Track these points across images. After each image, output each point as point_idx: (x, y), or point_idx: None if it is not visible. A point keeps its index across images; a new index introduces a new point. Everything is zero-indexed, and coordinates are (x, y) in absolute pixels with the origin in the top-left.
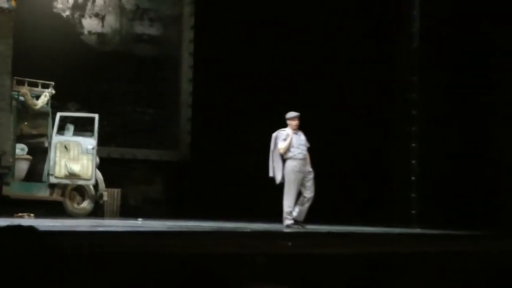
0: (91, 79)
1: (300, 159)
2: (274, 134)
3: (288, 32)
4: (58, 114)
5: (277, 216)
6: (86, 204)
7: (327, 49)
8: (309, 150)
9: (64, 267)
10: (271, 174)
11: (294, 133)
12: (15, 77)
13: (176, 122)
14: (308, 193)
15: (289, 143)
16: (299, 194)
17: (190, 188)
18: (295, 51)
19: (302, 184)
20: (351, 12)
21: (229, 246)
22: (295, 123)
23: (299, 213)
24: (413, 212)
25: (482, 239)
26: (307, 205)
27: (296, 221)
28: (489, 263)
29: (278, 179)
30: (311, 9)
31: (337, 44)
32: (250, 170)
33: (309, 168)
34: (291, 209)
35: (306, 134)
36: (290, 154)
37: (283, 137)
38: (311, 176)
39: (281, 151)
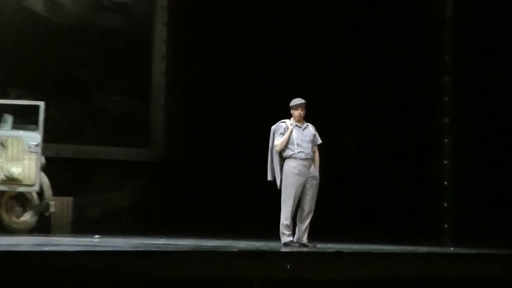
0: (37, 58)
1: (301, 159)
2: (273, 127)
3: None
4: None
5: (273, 231)
6: (28, 217)
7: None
8: (319, 148)
9: None
10: (269, 178)
11: (297, 125)
12: None
13: (147, 111)
14: (307, 205)
15: (287, 138)
16: (298, 204)
17: (163, 196)
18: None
19: (302, 191)
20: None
21: (212, 269)
22: (298, 113)
23: (299, 232)
24: (445, 226)
25: None
26: (306, 222)
27: (299, 243)
28: None
29: (279, 183)
30: None
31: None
32: (240, 172)
33: (314, 172)
34: (288, 222)
35: (317, 129)
36: (289, 152)
37: (281, 130)
38: (315, 182)
39: (277, 148)
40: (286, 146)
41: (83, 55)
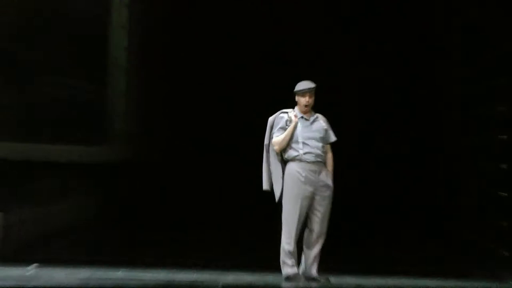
0: None
1: (308, 162)
2: (270, 119)
3: None
4: None
5: (270, 259)
6: None
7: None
8: (332, 147)
9: None
10: (265, 187)
11: (303, 118)
12: None
13: (103, 101)
14: (316, 225)
15: (289, 134)
16: (305, 224)
17: (125, 210)
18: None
19: (310, 205)
20: None
21: None
22: (305, 100)
23: (306, 262)
24: (505, 254)
25: None
26: (316, 248)
27: (306, 276)
28: None
29: (278, 194)
30: None
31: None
32: (226, 176)
33: (326, 179)
34: (291, 248)
35: (331, 122)
36: (292, 154)
37: (282, 123)
38: (327, 194)
39: (276, 147)
40: (288, 145)
41: (23, 33)
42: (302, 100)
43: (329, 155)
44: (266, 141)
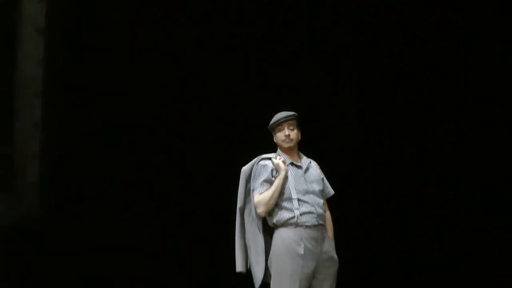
0: None
1: (308, 226)
2: (245, 169)
3: None
4: None
5: None
6: None
7: None
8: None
9: None
10: (239, 268)
11: (293, 164)
12: None
13: (10, 134)
14: None
15: (279, 188)
16: None
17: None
18: None
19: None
20: None
21: None
22: (283, 134)
23: None
24: None
25: None
26: None
27: None
28: None
29: (260, 277)
30: None
31: None
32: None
33: (331, 251)
34: None
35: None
36: (283, 216)
37: (266, 175)
38: (332, 271)
39: (261, 209)
40: (277, 205)
41: None
42: (280, 135)
43: (328, 215)
44: (239, 203)
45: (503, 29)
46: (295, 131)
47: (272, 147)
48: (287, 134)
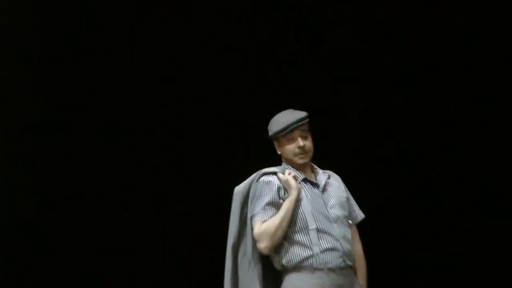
0: None
1: (332, 269)
2: (239, 189)
3: None
4: None
5: None
6: None
7: None
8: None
9: None
10: None
11: (307, 180)
12: None
13: None
14: None
15: (286, 216)
16: None
17: None
18: None
19: None
20: None
21: None
22: (295, 146)
23: None
24: None
25: None
26: None
27: None
28: None
29: None
30: None
31: None
32: None
33: None
34: None
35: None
36: (297, 255)
37: (270, 196)
38: None
39: (264, 244)
40: (288, 238)
41: None
42: (291, 148)
43: (359, 250)
44: (231, 239)
45: (503, 29)
46: (310, 139)
47: (274, 155)
48: (301, 146)
